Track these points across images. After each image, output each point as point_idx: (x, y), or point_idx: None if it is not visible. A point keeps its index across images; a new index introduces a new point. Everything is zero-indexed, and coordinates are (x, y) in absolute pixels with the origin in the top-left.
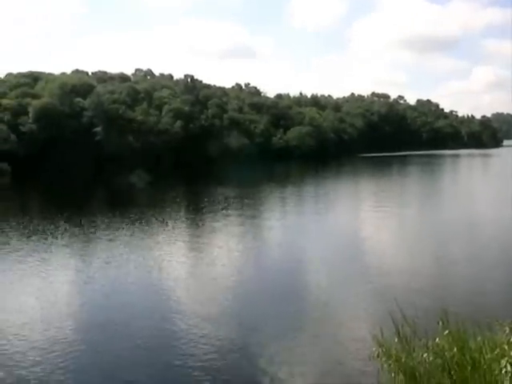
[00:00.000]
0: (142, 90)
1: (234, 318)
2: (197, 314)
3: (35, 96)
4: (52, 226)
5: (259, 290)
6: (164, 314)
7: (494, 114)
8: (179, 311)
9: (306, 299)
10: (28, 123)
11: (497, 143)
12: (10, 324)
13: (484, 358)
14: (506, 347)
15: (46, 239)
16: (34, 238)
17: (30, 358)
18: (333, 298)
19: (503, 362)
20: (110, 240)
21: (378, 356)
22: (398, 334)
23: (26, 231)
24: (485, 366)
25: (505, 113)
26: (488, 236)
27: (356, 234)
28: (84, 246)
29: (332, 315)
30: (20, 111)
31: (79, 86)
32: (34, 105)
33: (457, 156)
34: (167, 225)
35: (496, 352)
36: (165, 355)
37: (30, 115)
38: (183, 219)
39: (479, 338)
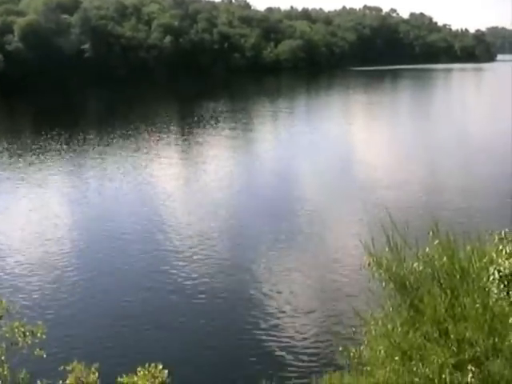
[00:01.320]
0: (130, 5)
1: (229, 231)
2: (191, 228)
3: (20, 13)
4: (43, 144)
5: (252, 202)
6: (158, 228)
7: (488, 28)
8: (173, 223)
9: (298, 211)
10: (14, 42)
11: (490, 57)
12: (8, 241)
13: (473, 267)
14: (495, 255)
15: (38, 157)
16: (26, 156)
17: (29, 271)
18: (325, 210)
19: (491, 269)
20: (103, 155)
21: (368, 265)
22: (389, 243)
23: (18, 150)
24: (473, 275)
25: (499, 27)
26: (479, 149)
27: (348, 147)
28: (76, 162)
29: (324, 226)
30: (5, 30)
31: (65, 2)
32: (19, 23)
33: (449, 70)
34: (160, 139)
35: (484, 260)
36: (160, 266)
37: (16, 33)
38: (176, 134)
39: (468, 248)
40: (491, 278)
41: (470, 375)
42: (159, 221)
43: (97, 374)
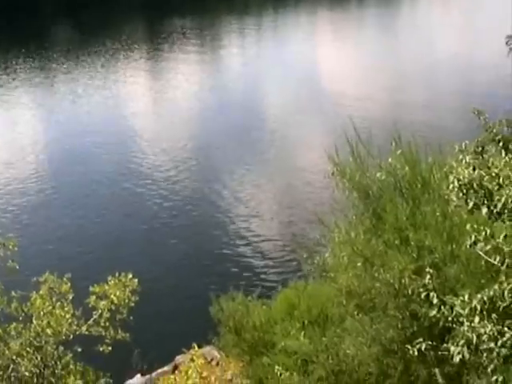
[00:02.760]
0: None
1: (198, 146)
2: (161, 145)
3: None
4: (13, 66)
5: (221, 118)
6: (130, 144)
7: None
8: (144, 140)
9: (264, 124)
10: None
11: None
12: None
13: (434, 178)
14: (455, 165)
15: (8, 77)
16: None
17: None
18: (291, 122)
19: (451, 177)
20: (71, 73)
21: (332, 174)
22: (353, 153)
23: None
24: (434, 185)
25: None
26: (445, 67)
27: (314, 63)
28: (46, 82)
29: (290, 138)
30: None
31: None
32: None
33: None
34: (130, 57)
35: (445, 170)
36: (131, 181)
37: None
38: (145, 52)
39: (430, 159)
40: (451, 186)
41: (428, 277)
42: (131, 137)
43: (69, 284)
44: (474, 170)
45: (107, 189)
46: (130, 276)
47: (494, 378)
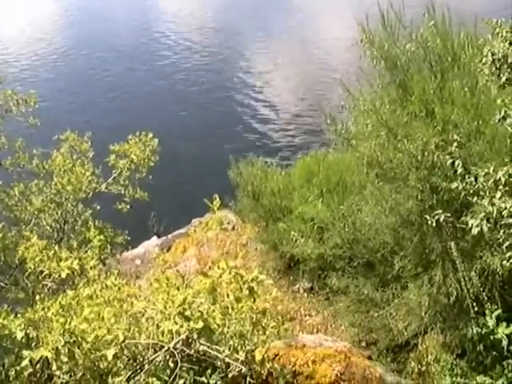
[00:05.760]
0: None
1: (219, 14)
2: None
3: None
4: None
5: None
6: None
7: None
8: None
9: None
10: None
11: None
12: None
13: (465, 53)
14: (490, 37)
15: None
16: None
17: (20, 47)
18: None
19: (485, 50)
20: None
21: (361, 42)
22: (384, 22)
23: None
24: (465, 60)
25: None
26: None
27: None
28: None
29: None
30: None
31: None
32: None
33: None
34: None
35: (479, 43)
36: (153, 41)
37: None
38: None
39: (462, 34)
40: (484, 59)
41: (455, 145)
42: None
43: (89, 143)
44: (510, 44)
45: (128, 46)
46: (151, 135)
47: (508, 254)
